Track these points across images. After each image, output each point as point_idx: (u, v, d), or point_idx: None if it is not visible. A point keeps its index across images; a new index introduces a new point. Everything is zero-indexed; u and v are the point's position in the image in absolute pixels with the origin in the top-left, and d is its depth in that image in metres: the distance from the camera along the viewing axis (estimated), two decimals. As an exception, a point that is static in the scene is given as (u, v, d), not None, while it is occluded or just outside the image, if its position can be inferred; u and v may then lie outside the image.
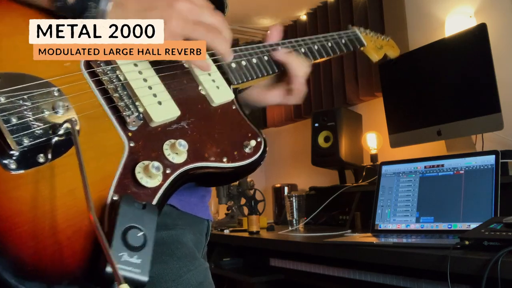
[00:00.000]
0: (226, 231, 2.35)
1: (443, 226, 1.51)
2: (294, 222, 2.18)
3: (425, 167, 1.66)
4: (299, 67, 0.90)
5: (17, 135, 0.55)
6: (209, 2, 0.71)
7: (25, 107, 0.57)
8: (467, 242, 1.14)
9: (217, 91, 0.76)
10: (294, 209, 2.18)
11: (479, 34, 1.79)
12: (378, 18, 2.56)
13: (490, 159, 1.49)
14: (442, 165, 1.61)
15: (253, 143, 0.75)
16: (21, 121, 0.56)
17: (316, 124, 2.55)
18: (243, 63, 0.84)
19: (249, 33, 3.43)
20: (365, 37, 1.17)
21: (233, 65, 0.82)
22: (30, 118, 0.57)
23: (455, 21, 2.17)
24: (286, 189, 2.86)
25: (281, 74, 0.92)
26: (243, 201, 2.73)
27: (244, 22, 3.31)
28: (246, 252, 2.22)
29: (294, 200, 2.18)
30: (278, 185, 2.92)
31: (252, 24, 3.34)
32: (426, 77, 2.03)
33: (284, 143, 3.48)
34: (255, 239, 2.02)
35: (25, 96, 0.57)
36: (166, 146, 0.66)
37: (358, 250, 1.43)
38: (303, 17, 3.17)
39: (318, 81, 3.02)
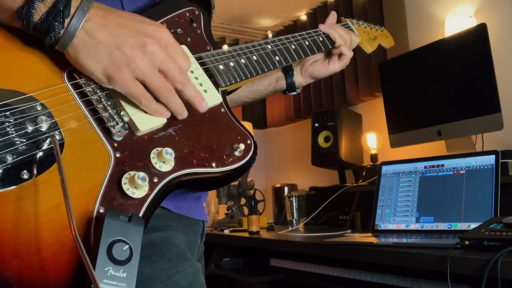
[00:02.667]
0: (226, 231, 2.35)
1: (443, 226, 1.51)
2: (294, 222, 2.18)
3: (425, 167, 1.66)
4: (338, 36, 1.08)
5: (0, 152, 0.54)
6: (182, 49, 0.68)
7: (7, 123, 0.56)
8: (467, 242, 1.14)
9: (205, 95, 0.74)
10: (294, 209, 2.18)
11: (479, 34, 1.79)
12: (378, 18, 2.56)
13: (490, 159, 1.49)
14: (442, 165, 1.61)
15: (242, 146, 0.73)
16: (4, 138, 0.55)
17: (316, 124, 2.55)
18: (231, 64, 0.82)
19: (249, 33, 3.43)
20: (358, 28, 1.17)
21: (221, 67, 0.80)
22: (13, 135, 0.56)
23: (455, 21, 2.17)
24: (286, 189, 2.86)
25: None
26: (243, 201, 2.73)
27: (244, 22, 3.31)
28: (246, 252, 2.22)
29: (294, 200, 2.18)
30: (278, 185, 2.92)
31: (252, 24, 3.34)
32: (426, 77, 2.03)
33: (284, 143, 3.48)
34: (255, 239, 2.02)
35: (7, 113, 0.56)
36: (153, 154, 0.65)
37: (358, 250, 1.43)
38: (303, 17, 3.17)
39: (318, 81, 3.01)
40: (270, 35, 3.47)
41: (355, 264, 1.52)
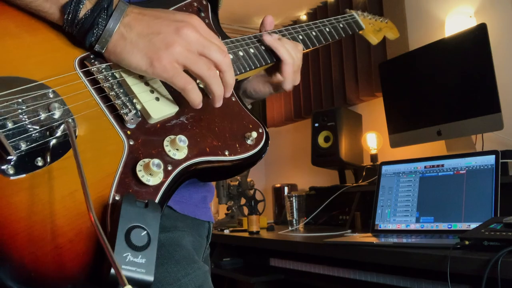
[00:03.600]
0: (226, 231, 2.35)
1: (443, 226, 1.51)
2: (294, 222, 2.18)
3: (425, 167, 1.66)
4: (286, 53, 0.85)
5: (13, 139, 0.54)
6: (214, 33, 0.68)
7: (20, 110, 0.56)
8: (467, 242, 1.14)
9: None
10: (294, 209, 2.18)
11: (479, 34, 1.79)
12: (378, 18, 2.56)
13: (490, 159, 1.49)
14: (442, 165, 1.61)
15: (254, 134, 0.74)
16: (17, 125, 0.55)
17: (316, 124, 2.55)
18: (240, 53, 0.82)
19: (249, 33, 3.42)
20: (363, 20, 1.16)
21: (231, 56, 0.79)
22: (26, 122, 0.56)
23: (455, 21, 2.17)
24: (286, 189, 2.86)
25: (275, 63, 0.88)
26: (243, 201, 2.73)
27: (244, 22, 3.31)
28: (246, 252, 2.22)
29: (294, 200, 2.18)
30: (278, 185, 2.92)
31: (252, 24, 3.34)
32: (426, 77, 2.03)
33: (284, 143, 3.48)
34: (255, 239, 2.02)
35: (19, 100, 0.56)
36: (166, 142, 0.65)
37: (358, 250, 1.43)
38: (303, 17, 3.17)
39: (318, 81, 3.02)
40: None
41: (355, 264, 1.52)
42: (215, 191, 2.77)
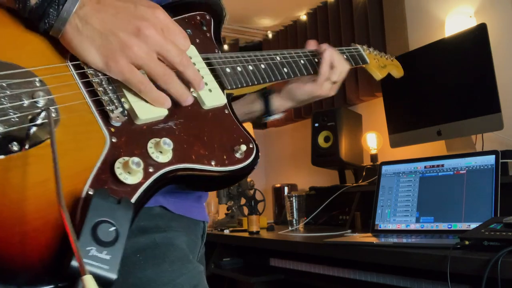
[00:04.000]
0: (226, 231, 2.35)
1: (443, 226, 1.51)
2: (294, 222, 2.18)
3: (425, 167, 1.66)
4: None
5: None
6: (181, 29, 0.66)
7: (2, 94, 0.55)
8: (467, 242, 1.14)
9: (209, 94, 0.73)
10: (294, 209, 2.18)
11: (479, 34, 1.79)
12: (378, 18, 2.56)
13: (490, 159, 1.49)
14: (442, 165, 1.61)
15: (243, 148, 0.72)
16: None
17: (316, 124, 2.55)
18: (239, 69, 0.81)
19: (249, 33, 3.44)
20: (368, 55, 1.15)
21: (228, 70, 0.79)
22: (7, 106, 0.55)
23: (455, 21, 2.17)
24: (286, 189, 2.86)
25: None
26: (243, 201, 2.73)
27: (244, 22, 3.31)
28: (246, 252, 2.22)
29: (294, 200, 2.18)
30: (278, 185, 2.92)
31: (252, 24, 3.34)
32: (426, 77, 2.03)
33: (284, 143, 3.48)
34: (255, 239, 2.02)
35: (3, 84, 0.56)
36: (150, 144, 0.64)
37: (358, 250, 1.43)
38: (303, 17, 3.17)
39: (318, 81, 3.02)
40: (270, 35, 3.48)
41: (355, 264, 1.52)
42: (215, 192, 2.77)
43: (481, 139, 1.95)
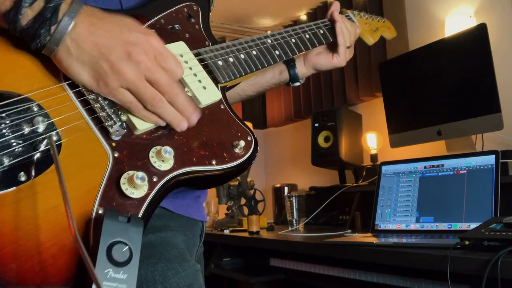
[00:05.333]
0: (226, 231, 2.35)
1: (443, 226, 1.51)
2: (294, 222, 2.18)
3: (425, 167, 1.66)
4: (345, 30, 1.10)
5: None
6: (174, 56, 0.66)
7: (3, 125, 0.55)
8: (467, 242, 1.14)
9: (204, 91, 0.73)
10: (294, 209, 2.18)
11: (479, 34, 1.79)
12: (378, 18, 2.56)
13: (490, 159, 1.49)
14: (442, 165, 1.61)
15: (242, 143, 0.73)
16: (0, 140, 0.54)
17: (316, 124, 2.55)
18: (231, 60, 0.81)
19: (249, 33, 3.44)
20: (359, 20, 1.16)
21: (220, 62, 0.79)
22: (10, 136, 0.55)
23: (455, 21, 2.17)
24: (286, 189, 2.86)
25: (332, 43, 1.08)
26: (243, 201, 2.73)
27: (244, 22, 3.31)
28: (246, 252, 2.22)
29: (294, 200, 2.18)
30: (278, 185, 2.92)
31: (252, 24, 3.34)
32: (426, 77, 2.03)
33: (284, 143, 3.48)
34: (255, 239, 2.02)
35: (3, 114, 0.55)
36: (152, 153, 0.64)
37: (358, 250, 1.43)
38: (303, 17, 3.17)
39: (318, 81, 3.02)
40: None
41: (355, 264, 1.52)
42: (215, 191, 2.77)
43: (481, 139, 1.95)
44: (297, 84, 1.13)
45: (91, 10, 0.62)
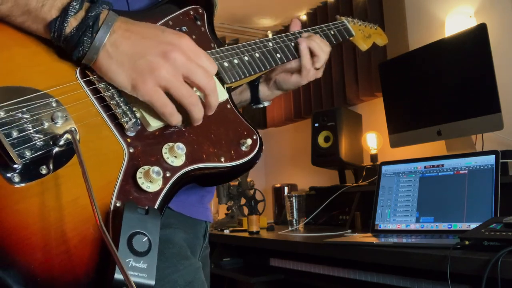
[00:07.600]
0: (226, 231, 2.35)
1: (443, 226, 1.51)
2: (294, 222, 2.18)
3: (425, 167, 1.66)
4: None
5: (18, 148, 0.56)
6: (207, 54, 0.68)
7: (24, 119, 0.57)
8: (467, 242, 1.14)
9: None
10: (294, 209, 2.18)
11: (479, 34, 1.79)
12: (378, 18, 2.56)
13: (490, 159, 1.49)
14: (442, 165, 1.61)
15: (249, 141, 0.76)
16: (21, 134, 0.56)
17: (316, 124, 2.55)
18: (235, 61, 0.84)
19: (249, 33, 3.44)
20: (353, 26, 1.17)
21: (226, 64, 0.81)
22: (31, 131, 0.57)
23: (455, 21, 2.17)
24: (286, 189, 2.86)
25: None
26: (243, 201, 2.73)
27: (244, 22, 3.31)
28: (246, 252, 2.22)
29: (294, 200, 2.18)
30: (278, 185, 2.92)
31: (252, 24, 3.34)
32: (426, 77, 2.03)
33: (284, 143, 3.48)
34: (255, 239, 2.02)
35: (24, 109, 0.58)
36: (165, 150, 0.67)
37: (358, 250, 1.43)
38: (303, 17, 3.17)
39: (318, 81, 3.02)
40: (270, 35, 3.47)
41: (355, 264, 1.52)
42: (215, 191, 2.77)
43: (481, 139, 1.95)
44: (260, 106, 1.07)
45: (124, 18, 0.66)
